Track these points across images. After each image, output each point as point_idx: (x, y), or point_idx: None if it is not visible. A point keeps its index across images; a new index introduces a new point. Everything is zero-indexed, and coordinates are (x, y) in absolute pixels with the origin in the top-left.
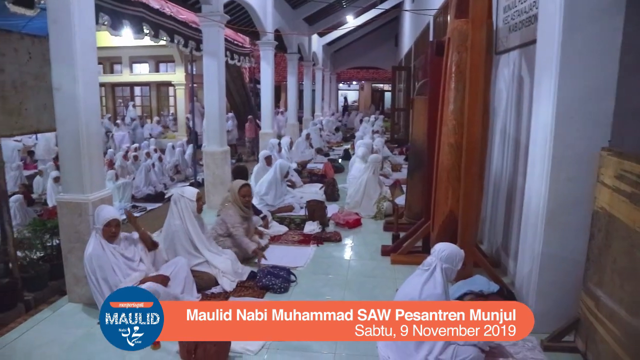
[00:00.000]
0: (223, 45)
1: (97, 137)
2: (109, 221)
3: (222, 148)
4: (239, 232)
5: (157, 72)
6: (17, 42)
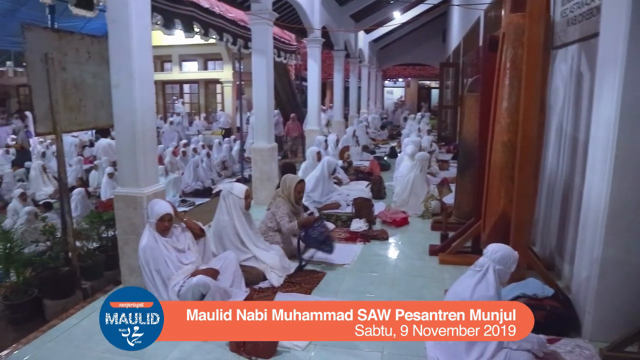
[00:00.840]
0: (271, 42)
1: (151, 132)
2: (163, 216)
3: (270, 145)
4: (284, 220)
5: (206, 69)
6: (78, 42)
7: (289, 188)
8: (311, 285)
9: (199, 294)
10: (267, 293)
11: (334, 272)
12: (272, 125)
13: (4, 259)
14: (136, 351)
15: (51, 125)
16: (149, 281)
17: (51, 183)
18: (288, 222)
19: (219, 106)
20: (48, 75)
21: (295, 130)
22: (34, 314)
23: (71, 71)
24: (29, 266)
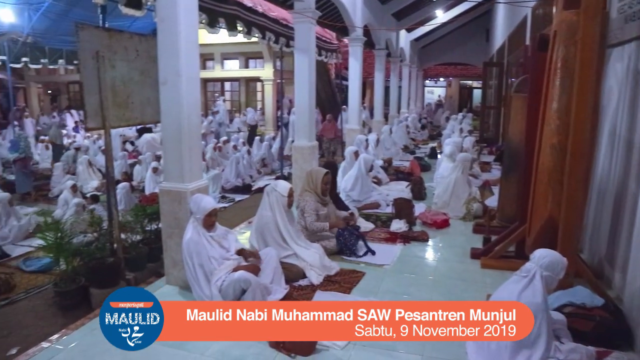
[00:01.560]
0: (314, 41)
1: (196, 129)
2: (210, 211)
3: (311, 143)
4: (311, 217)
5: (247, 68)
6: (127, 40)
7: (315, 180)
8: (350, 284)
9: (239, 289)
10: (306, 291)
11: (374, 272)
12: (313, 123)
13: (54, 248)
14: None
15: (101, 121)
16: (191, 275)
17: (96, 176)
18: (315, 220)
19: (259, 104)
20: (99, 72)
21: (330, 131)
22: (81, 302)
23: (120, 69)
24: (77, 255)
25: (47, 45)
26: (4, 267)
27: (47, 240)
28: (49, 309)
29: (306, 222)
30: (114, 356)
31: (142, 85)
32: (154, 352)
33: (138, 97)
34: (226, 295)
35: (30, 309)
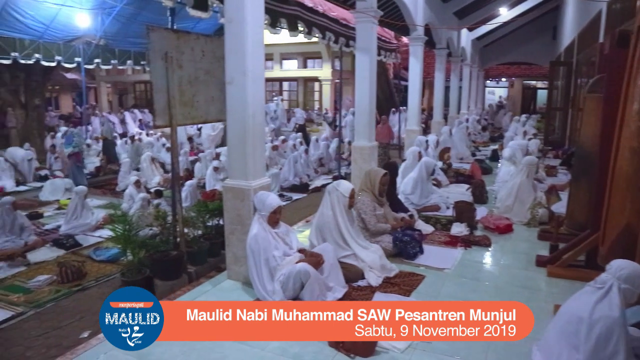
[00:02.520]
0: (375, 41)
1: (261, 127)
2: (275, 209)
3: (371, 143)
4: (373, 219)
5: (305, 67)
6: (193, 41)
7: (373, 180)
8: (410, 287)
9: (299, 282)
10: (365, 292)
11: (434, 276)
12: (373, 124)
13: (122, 240)
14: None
15: (168, 119)
16: (255, 271)
17: (159, 172)
18: (376, 221)
19: (316, 104)
20: (167, 72)
21: (384, 135)
22: None
23: (187, 68)
24: (143, 248)
25: (117, 47)
26: (76, 255)
27: (116, 232)
28: None
29: (367, 224)
30: (173, 346)
31: (207, 85)
32: (217, 344)
33: (203, 96)
34: (286, 289)
35: (100, 296)
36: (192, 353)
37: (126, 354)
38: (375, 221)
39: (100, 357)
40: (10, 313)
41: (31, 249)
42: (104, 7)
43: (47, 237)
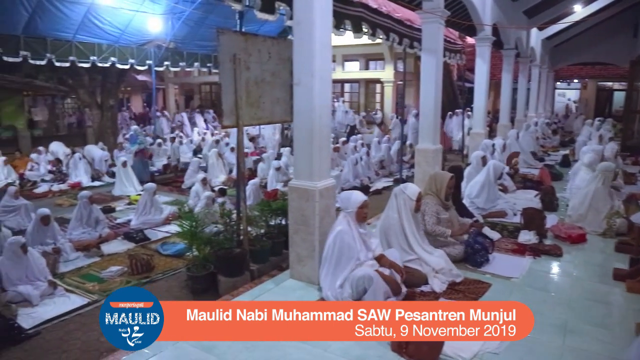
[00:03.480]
0: (442, 42)
1: (327, 129)
2: (362, 203)
3: (435, 146)
4: (432, 219)
5: (367, 69)
6: (260, 43)
7: (440, 183)
8: (475, 295)
9: (362, 286)
10: (428, 298)
11: (500, 284)
12: (438, 126)
13: (189, 236)
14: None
15: (235, 120)
16: (329, 267)
17: (224, 171)
18: (435, 222)
19: (378, 105)
20: (235, 74)
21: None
22: (210, 287)
23: (254, 70)
24: (208, 244)
25: (185, 49)
26: (145, 249)
27: (183, 228)
28: (182, 290)
29: (426, 224)
30: (237, 342)
31: (272, 86)
32: (280, 343)
33: (269, 97)
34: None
35: (166, 289)
36: (255, 350)
37: (192, 345)
38: (434, 222)
39: (168, 348)
40: (86, 300)
41: (104, 241)
42: (174, 11)
43: (118, 230)
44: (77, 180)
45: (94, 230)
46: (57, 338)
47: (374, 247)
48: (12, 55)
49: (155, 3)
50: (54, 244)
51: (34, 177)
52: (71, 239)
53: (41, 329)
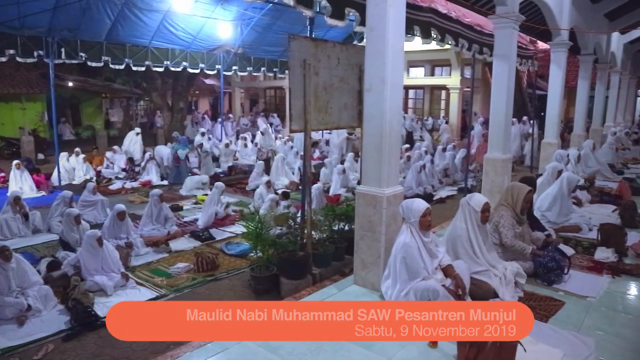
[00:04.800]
0: (515, 47)
1: (397, 135)
2: (424, 211)
3: (504, 156)
4: (510, 232)
5: (432, 75)
6: (330, 49)
7: (516, 196)
8: (547, 313)
9: (426, 299)
10: None
11: (575, 303)
12: (509, 135)
13: (254, 237)
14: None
15: (303, 124)
16: (395, 278)
17: (287, 175)
18: (513, 236)
19: (442, 112)
20: (304, 79)
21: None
22: (272, 288)
23: (323, 75)
24: (272, 246)
25: (253, 55)
26: (210, 248)
27: (249, 228)
28: (245, 290)
29: (503, 237)
30: (302, 343)
31: (340, 92)
32: (345, 348)
33: (336, 102)
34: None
35: (230, 288)
36: (320, 353)
37: (258, 345)
38: (512, 235)
39: (234, 345)
40: (155, 294)
41: (172, 238)
42: (243, 18)
43: (185, 228)
44: (148, 179)
45: (163, 227)
46: None
47: (440, 256)
48: (96, 60)
49: (226, 10)
50: (127, 238)
51: (109, 174)
52: (142, 235)
53: None
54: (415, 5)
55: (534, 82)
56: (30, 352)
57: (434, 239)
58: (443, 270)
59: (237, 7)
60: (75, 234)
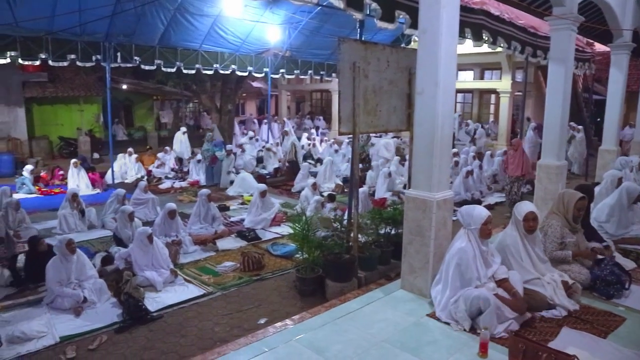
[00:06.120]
0: (573, 50)
1: (448, 139)
2: (486, 219)
3: (559, 162)
4: (552, 246)
5: (482, 79)
6: (379, 52)
7: (567, 204)
8: (606, 328)
9: (476, 306)
10: (550, 324)
11: (637, 320)
12: (564, 141)
13: (300, 238)
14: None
15: (352, 127)
16: (446, 283)
17: (332, 178)
18: (556, 248)
19: (491, 117)
20: (353, 81)
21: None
22: (317, 290)
23: (372, 78)
24: (318, 248)
25: (300, 58)
26: (256, 248)
27: (296, 230)
28: (290, 291)
29: (546, 249)
30: (349, 346)
31: (390, 95)
32: (392, 353)
33: (385, 105)
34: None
35: (275, 288)
36: (366, 357)
37: (305, 345)
38: (554, 248)
39: (280, 345)
40: (202, 291)
41: (219, 237)
42: (291, 21)
43: (232, 228)
44: (196, 179)
45: (210, 227)
46: (177, 323)
47: (495, 267)
48: (149, 63)
49: (275, 13)
50: (176, 236)
51: (160, 173)
52: (190, 233)
53: (163, 312)
54: (467, 7)
55: (590, 86)
56: (86, 341)
57: (491, 248)
58: (499, 283)
59: (286, 11)
60: (128, 231)
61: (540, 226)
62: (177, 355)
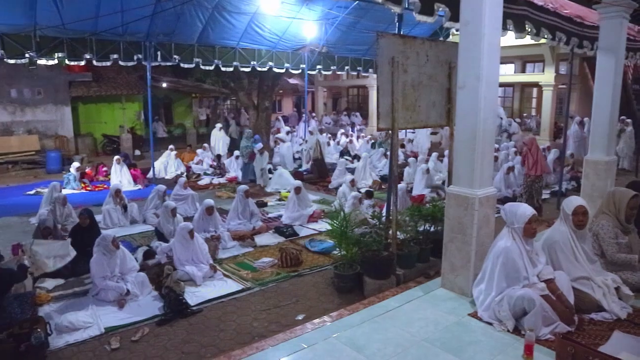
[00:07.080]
0: (624, 40)
1: (491, 134)
2: (530, 217)
3: (608, 157)
4: (612, 248)
5: (523, 72)
6: (419, 46)
7: (619, 203)
8: None
9: (520, 307)
10: (601, 327)
11: None
12: (614, 135)
13: (338, 235)
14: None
15: (390, 122)
16: (490, 283)
17: (370, 175)
18: (616, 250)
19: (533, 111)
20: (392, 76)
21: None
22: (355, 287)
23: (411, 73)
24: (356, 245)
25: (337, 54)
26: (294, 244)
27: (333, 226)
28: (328, 287)
29: (605, 252)
30: (388, 345)
31: (429, 89)
32: (432, 352)
33: (425, 100)
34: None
35: (313, 284)
36: (407, 356)
37: (344, 343)
38: (614, 250)
39: (319, 342)
40: (241, 286)
41: (257, 233)
42: (328, 17)
43: (270, 224)
44: (234, 175)
45: (248, 222)
46: (216, 317)
47: (540, 266)
48: (188, 62)
49: (311, 10)
50: (215, 232)
51: (199, 170)
52: (229, 229)
53: (203, 307)
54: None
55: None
56: (129, 332)
57: (536, 247)
58: (545, 283)
59: (322, 7)
60: (170, 226)
61: (589, 227)
62: (216, 349)
